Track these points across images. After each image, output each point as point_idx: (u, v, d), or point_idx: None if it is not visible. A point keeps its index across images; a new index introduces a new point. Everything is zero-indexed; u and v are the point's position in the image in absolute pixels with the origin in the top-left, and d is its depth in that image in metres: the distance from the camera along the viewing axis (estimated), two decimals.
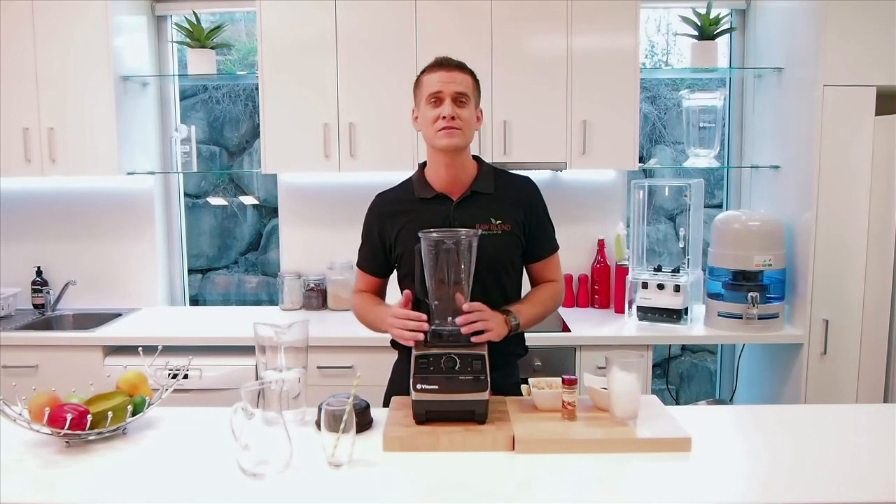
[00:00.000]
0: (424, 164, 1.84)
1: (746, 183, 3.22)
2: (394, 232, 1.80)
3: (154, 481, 1.37)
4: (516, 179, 1.85)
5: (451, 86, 1.69)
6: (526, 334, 1.90)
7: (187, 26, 2.98)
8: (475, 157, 1.85)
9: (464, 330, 1.57)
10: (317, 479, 1.36)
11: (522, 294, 1.87)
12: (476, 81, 1.76)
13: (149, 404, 1.63)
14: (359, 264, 1.92)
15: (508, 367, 1.85)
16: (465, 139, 1.72)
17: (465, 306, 1.59)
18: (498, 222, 1.76)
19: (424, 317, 1.60)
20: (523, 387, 1.71)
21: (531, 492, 1.31)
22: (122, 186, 3.20)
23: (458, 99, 1.70)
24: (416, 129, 1.79)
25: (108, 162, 2.90)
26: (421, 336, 1.58)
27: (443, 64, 1.72)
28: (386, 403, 1.78)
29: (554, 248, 1.87)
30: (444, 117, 1.68)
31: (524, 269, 1.88)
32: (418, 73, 1.77)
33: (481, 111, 1.81)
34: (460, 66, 1.73)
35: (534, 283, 1.90)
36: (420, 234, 1.61)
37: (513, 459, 1.44)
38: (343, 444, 1.38)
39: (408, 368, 1.56)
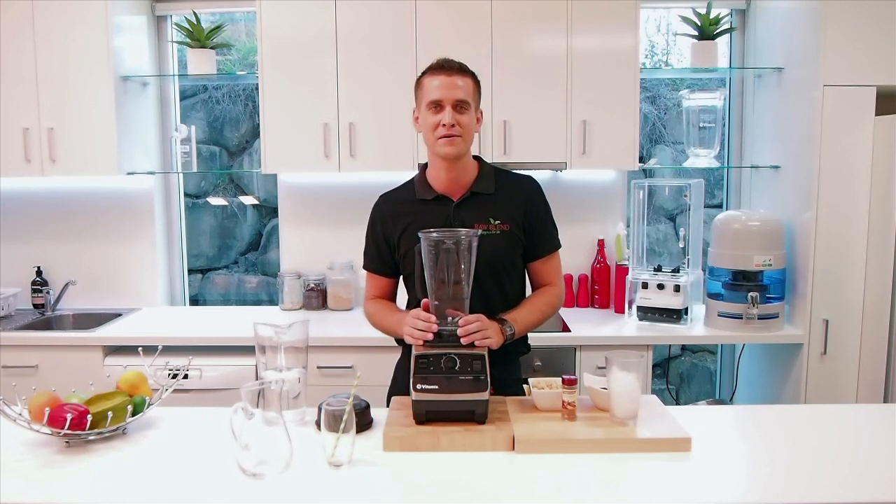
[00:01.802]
0: (426, 164, 1.85)
1: (746, 183, 3.22)
2: (397, 232, 1.81)
3: (154, 481, 1.37)
4: (517, 179, 1.86)
5: (452, 92, 1.69)
6: (528, 333, 1.90)
7: (187, 26, 2.98)
8: (476, 158, 1.85)
9: (464, 340, 1.58)
10: (317, 479, 1.36)
11: (525, 294, 1.87)
12: (477, 83, 1.76)
13: (149, 404, 1.63)
14: (366, 267, 1.92)
15: (510, 363, 1.85)
16: (465, 145, 1.74)
17: (462, 320, 1.59)
18: (497, 222, 1.77)
19: (434, 318, 1.60)
20: (524, 386, 1.71)
21: (531, 492, 1.31)
22: (122, 186, 3.20)
23: (459, 105, 1.70)
24: (418, 130, 1.79)
25: (108, 162, 2.90)
26: (430, 336, 1.58)
27: (444, 67, 1.71)
28: (388, 403, 1.78)
29: (555, 246, 1.87)
30: (445, 125, 1.68)
31: (525, 269, 1.88)
32: (420, 74, 1.77)
33: (481, 112, 1.81)
34: (461, 70, 1.72)
35: (533, 283, 1.90)
36: (420, 234, 1.62)
37: (513, 459, 1.44)
38: (343, 444, 1.38)
39: (409, 368, 1.57)
